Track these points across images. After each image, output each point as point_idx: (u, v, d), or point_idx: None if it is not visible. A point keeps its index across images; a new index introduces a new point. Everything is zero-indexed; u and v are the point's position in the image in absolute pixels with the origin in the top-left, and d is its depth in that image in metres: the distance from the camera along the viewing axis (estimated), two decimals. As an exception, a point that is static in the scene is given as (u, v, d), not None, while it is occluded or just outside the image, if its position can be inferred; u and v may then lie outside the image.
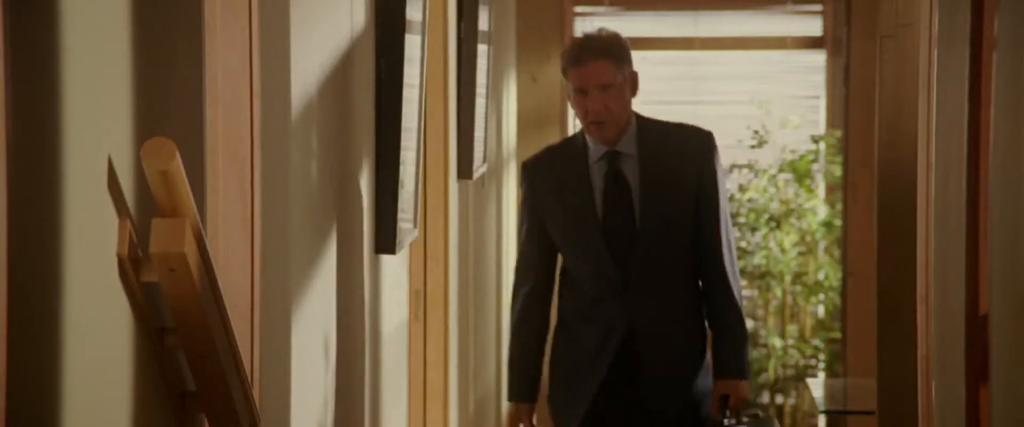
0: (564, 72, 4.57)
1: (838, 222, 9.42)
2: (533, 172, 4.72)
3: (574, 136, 4.69)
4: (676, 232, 4.52)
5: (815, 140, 9.72)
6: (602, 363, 4.54)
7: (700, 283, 4.59)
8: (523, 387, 4.76)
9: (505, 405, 7.55)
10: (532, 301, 4.72)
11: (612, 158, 4.59)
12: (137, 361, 2.60)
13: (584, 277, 4.59)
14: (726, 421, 4.50)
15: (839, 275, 9.16)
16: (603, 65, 4.47)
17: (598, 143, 4.58)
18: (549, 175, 4.67)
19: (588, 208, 4.56)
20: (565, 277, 4.73)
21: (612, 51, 4.47)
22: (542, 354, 4.76)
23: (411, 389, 5.62)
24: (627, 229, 4.52)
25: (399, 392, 5.32)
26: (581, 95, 4.52)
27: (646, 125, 4.60)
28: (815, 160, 9.73)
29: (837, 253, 9.51)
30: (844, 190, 8.29)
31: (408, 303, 5.50)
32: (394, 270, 5.13)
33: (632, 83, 4.53)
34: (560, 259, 4.78)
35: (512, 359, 4.77)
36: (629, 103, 4.55)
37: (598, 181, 4.58)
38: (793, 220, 9.71)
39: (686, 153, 4.55)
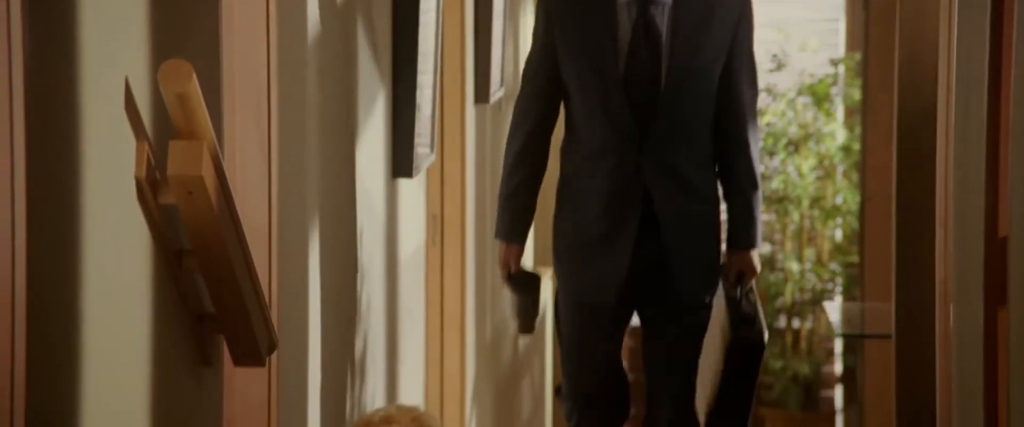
0: None
1: (856, 146, 9.40)
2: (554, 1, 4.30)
3: None
4: (702, 91, 4.25)
5: (834, 63, 9.67)
6: (625, 233, 4.28)
7: (719, 141, 4.33)
8: (516, 227, 4.45)
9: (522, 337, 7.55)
10: (533, 139, 4.38)
11: (644, 4, 4.23)
12: (156, 283, 2.60)
13: (594, 127, 4.29)
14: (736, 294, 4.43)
15: (857, 199, 9.15)
16: None
17: None
18: (571, 7, 4.29)
19: (610, 54, 4.24)
20: (570, 127, 4.39)
21: None
22: (536, 194, 4.47)
23: (428, 314, 5.64)
24: (651, 83, 4.24)
25: (416, 317, 5.33)
26: None
27: None
28: (834, 83, 9.68)
29: (855, 177, 9.49)
30: (863, 113, 8.25)
31: (425, 228, 5.50)
32: (411, 194, 5.12)
33: None
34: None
35: (507, 196, 4.45)
36: None
37: (625, 26, 4.23)
38: (811, 144, 9.69)
39: (723, 8, 4.26)
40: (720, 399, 4.43)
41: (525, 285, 4.51)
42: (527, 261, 4.74)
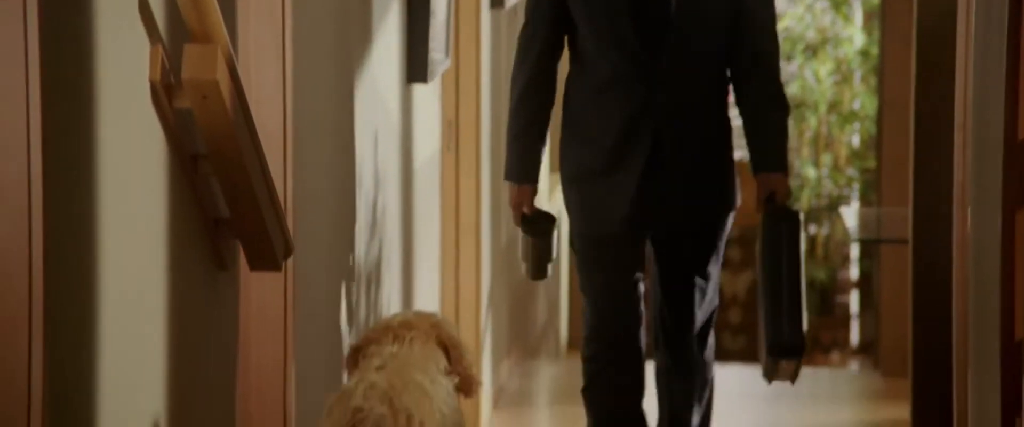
0: None
1: (875, 50, 9.34)
2: None
3: None
4: (714, 13, 4.13)
5: (852, -33, 9.59)
6: (634, 162, 4.14)
7: (736, 64, 4.19)
8: (526, 167, 4.27)
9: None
10: (540, 72, 4.22)
11: None
12: (171, 188, 2.60)
13: (604, 57, 4.15)
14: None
15: (875, 104, 9.12)
16: None
17: None
18: None
19: None
20: (577, 59, 4.25)
21: None
22: (546, 129, 4.29)
23: (444, 221, 5.63)
24: (660, 8, 4.11)
25: (432, 223, 5.33)
26: None
27: None
28: (852, -13, 9.61)
29: (873, 81, 9.45)
30: (882, 17, 8.19)
31: (440, 134, 5.49)
32: (426, 100, 5.11)
33: None
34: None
35: (515, 134, 4.27)
36: None
37: None
38: (829, 48, 9.63)
39: None
40: (772, 290, 4.21)
41: (540, 227, 4.27)
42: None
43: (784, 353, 4.17)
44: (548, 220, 4.28)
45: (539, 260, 4.30)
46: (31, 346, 2.00)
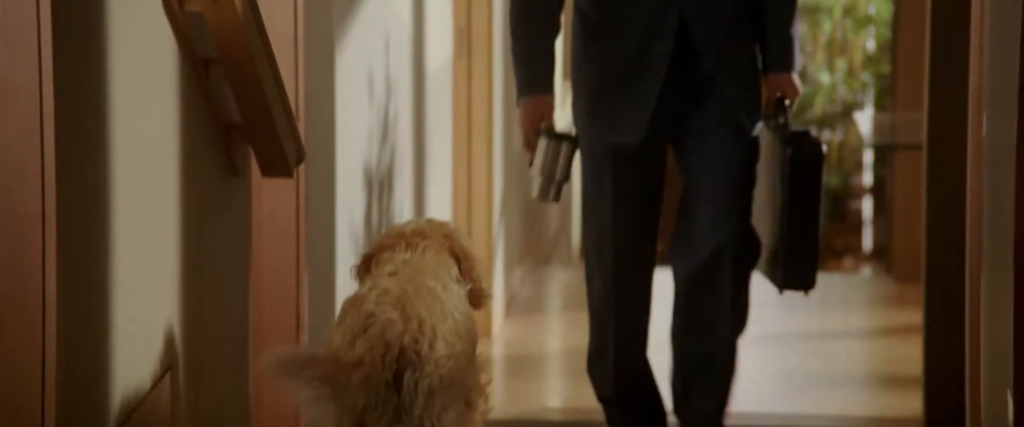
0: None
1: (889, -45, 9.27)
2: None
3: None
4: None
5: None
6: (659, 60, 3.87)
7: None
8: (542, 76, 3.92)
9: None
10: None
11: None
12: (183, 92, 2.59)
13: None
14: (779, 121, 4.09)
15: (890, 8, 9.06)
16: None
17: None
18: None
19: None
20: None
21: None
22: (557, 36, 3.95)
23: (456, 127, 5.62)
24: None
25: (444, 130, 5.32)
26: None
27: None
28: None
29: (888, -13, 9.39)
30: (896, -78, 8.13)
31: (452, 40, 5.46)
32: (438, 6, 5.08)
33: None
34: None
35: (528, 46, 3.94)
36: None
37: None
38: (844, -47, 9.57)
39: None
40: (788, 226, 4.08)
41: (561, 141, 3.92)
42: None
43: (794, 287, 4.12)
44: (568, 138, 3.95)
45: (558, 176, 3.97)
46: (44, 249, 2.00)
